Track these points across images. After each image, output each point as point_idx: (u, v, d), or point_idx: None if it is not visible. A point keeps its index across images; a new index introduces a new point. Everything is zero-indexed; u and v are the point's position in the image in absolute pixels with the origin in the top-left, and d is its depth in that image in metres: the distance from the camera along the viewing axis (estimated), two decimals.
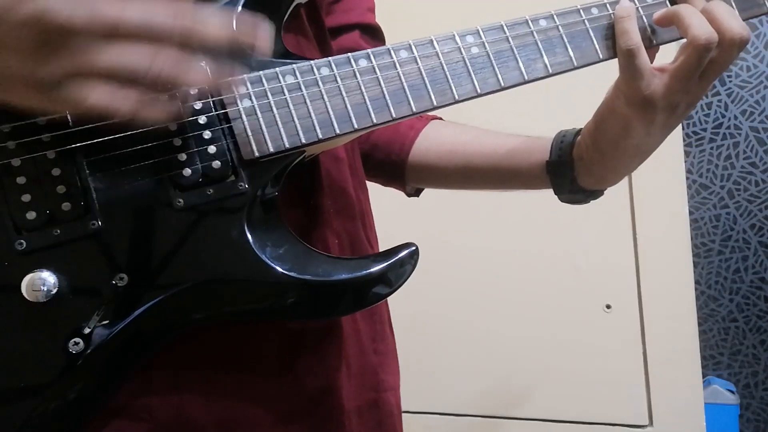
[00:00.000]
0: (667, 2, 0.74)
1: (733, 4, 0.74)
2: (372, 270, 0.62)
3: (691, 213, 2.28)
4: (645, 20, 0.72)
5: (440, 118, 0.96)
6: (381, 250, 0.67)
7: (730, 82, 2.27)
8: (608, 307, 1.70)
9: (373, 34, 0.89)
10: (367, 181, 0.84)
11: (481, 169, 0.88)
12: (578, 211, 1.70)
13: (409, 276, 0.63)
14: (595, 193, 0.84)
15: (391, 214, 0.99)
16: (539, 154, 0.84)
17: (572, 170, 0.81)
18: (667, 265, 1.65)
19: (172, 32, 0.49)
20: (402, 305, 0.82)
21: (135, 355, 0.60)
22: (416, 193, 0.98)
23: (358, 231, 0.76)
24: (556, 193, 0.85)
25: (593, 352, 1.70)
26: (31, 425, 0.56)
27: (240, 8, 0.63)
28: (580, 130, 0.82)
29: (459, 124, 0.93)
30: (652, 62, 0.72)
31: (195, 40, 0.50)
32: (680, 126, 1.29)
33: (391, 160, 0.91)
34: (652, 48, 0.73)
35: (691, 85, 0.71)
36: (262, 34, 0.54)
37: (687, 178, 2.01)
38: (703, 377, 1.85)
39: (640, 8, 0.72)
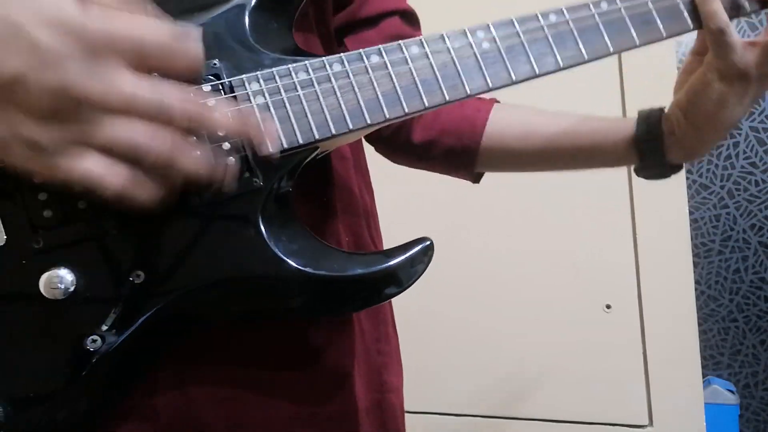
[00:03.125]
0: None
1: None
2: (388, 264, 0.62)
3: (691, 213, 2.29)
4: None
5: (498, 101, 0.95)
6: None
7: None
8: (608, 307, 1.70)
9: (412, 20, 0.89)
10: (371, 181, 0.84)
11: (563, 149, 0.87)
12: (578, 211, 1.71)
13: (423, 271, 0.63)
14: (678, 168, 0.85)
15: (392, 214, 0.99)
16: (623, 130, 0.84)
17: (662, 145, 0.82)
18: (667, 265, 1.66)
19: (181, 116, 0.49)
20: (401, 305, 0.82)
21: (151, 352, 0.60)
22: (477, 179, 0.96)
23: (362, 231, 0.77)
24: (640, 169, 0.85)
25: (593, 352, 1.71)
26: (48, 423, 0.56)
27: (249, 12, 0.63)
28: (661, 107, 0.83)
29: (526, 106, 0.92)
30: None
31: (202, 126, 0.50)
32: None
33: (462, 144, 0.89)
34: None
35: None
36: (271, 132, 0.55)
37: (687, 178, 2.02)
38: (703, 377, 1.85)
39: None
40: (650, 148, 0.82)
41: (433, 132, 0.89)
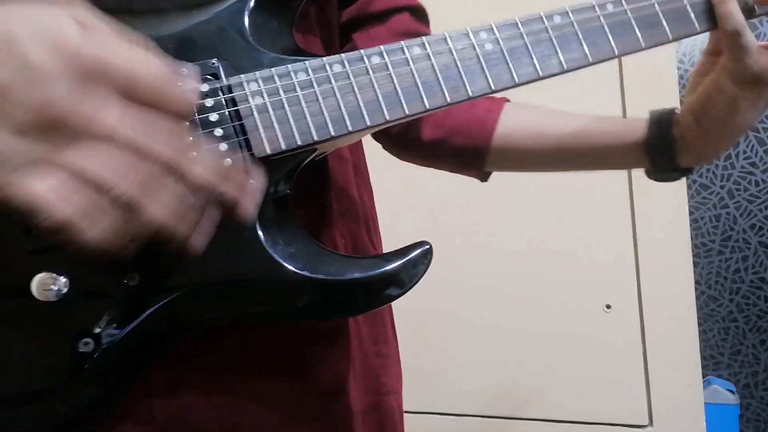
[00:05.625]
0: None
1: None
2: (386, 269, 0.61)
3: (691, 213, 2.29)
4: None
5: (509, 101, 0.94)
6: (387, 251, 0.66)
7: None
8: (608, 307, 1.70)
9: (421, 17, 0.88)
10: (371, 183, 0.83)
11: (574, 150, 0.87)
12: (578, 211, 1.70)
13: (422, 275, 0.63)
14: (690, 171, 0.84)
15: (393, 214, 0.99)
16: (633, 133, 0.83)
17: (673, 150, 0.81)
18: (667, 265, 1.66)
19: (159, 157, 0.46)
20: (401, 305, 0.81)
21: (145, 355, 0.59)
22: (485, 177, 0.95)
23: (361, 233, 0.76)
24: (651, 172, 0.84)
25: (593, 352, 1.71)
26: (40, 427, 0.55)
27: (249, 11, 0.62)
28: (673, 110, 0.82)
29: (538, 106, 0.91)
30: None
31: (178, 172, 0.47)
32: None
33: (472, 144, 0.88)
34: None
35: None
36: (252, 192, 0.52)
37: (687, 178, 2.01)
38: (703, 377, 1.85)
39: None
40: (661, 152, 0.82)
41: (442, 131, 0.88)
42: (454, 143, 0.88)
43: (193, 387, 0.63)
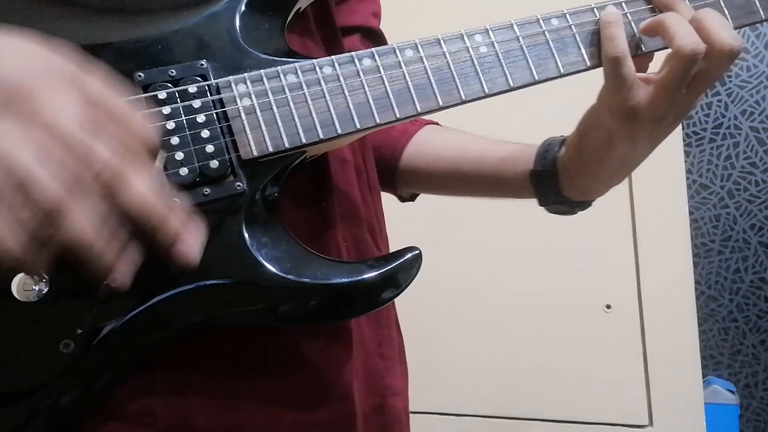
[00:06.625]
0: (656, 10, 0.71)
1: (726, 13, 0.72)
2: (371, 275, 0.61)
3: (691, 213, 2.28)
4: (633, 27, 0.70)
5: (437, 123, 0.95)
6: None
7: (730, 82, 2.27)
8: (608, 307, 1.69)
9: (375, 39, 0.88)
10: (378, 184, 0.82)
11: (467, 176, 0.87)
12: None
13: (411, 281, 0.62)
14: (582, 204, 0.83)
15: (395, 215, 0.98)
16: (525, 163, 0.82)
17: (557, 181, 0.79)
18: (667, 265, 1.65)
19: (96, 162, 0.43)
20: (401, 305, 0.81)
21: (129, 357, 0.58)
22: (411, 197, 0.96)
23: (363, 235, 0.75)
24: (540, 204, 0.83)
25: (593, 352, 1.70)
26: (22, 428, 0.54)
27: (240, 13, 0.61)
28: (566, 138, 0.80)
29: (452, 130, 0.92)
30: (645, 71, 0.70)
31: (115, 185, 0.44)
32: (680, 126, 1.29)
33: (382, 165, 0.89)
34: (643, 56, 0.71)
35: (678, 97, 0.68)
36: (193, 235, 0.48)
37: (687, 178, 2.01)
38: (703, 377, 1.85)
39: (629, 14, 0.70)
40: (544, 183, 0.80)
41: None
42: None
43: (198, 388, 0.62)
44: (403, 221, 1.16)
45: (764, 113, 2.25)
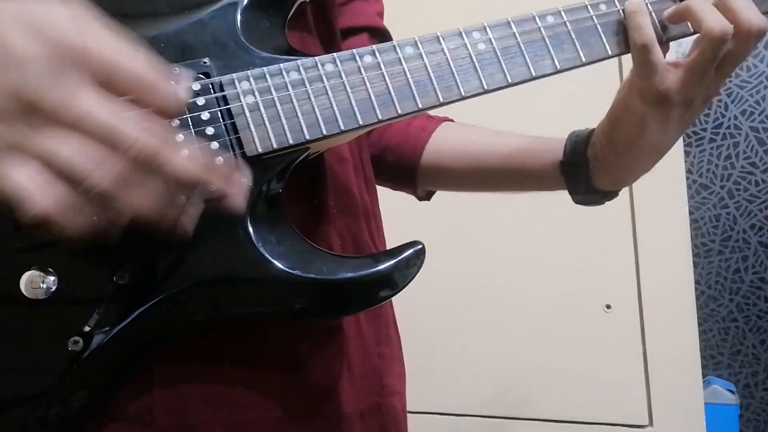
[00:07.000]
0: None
1: None
2: (377, 269, 0.61)
3: (691, 213, 2.28)
4: (654, 16, 0.71)
5: (451, 120, 0.95)
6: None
7: (730, 82, 2.28)
8: (608, 307, 1.69)
9: (382, 38, 0.88)
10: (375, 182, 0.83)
11: (494, 170, 0.87)
12: (578, 211, 1.69)
13: (415, 275, 0.62)
14: (611, 194, 0.83)
15: (394, 215, 0.99)
16: (552, 154, 0.83)
17: (587, 170, 0.80)
18: (667, 265, 1.65)
19: (133, 146, 0.44)
20: (400, 305, 0.81)
21: (136, 354, 0.58)
22: (427, 196, 0.96)
23: (362, 231, 0.75)
24: (571, 194, 0.84)
25: (593, 352, 1.70)
26: (30, 426, 0.55)
27: (241, 10, 0.62)
28: (594, 129, 0.81)
29: (471, 125, 0.92)
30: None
31: (156, 162, 0.45)
32: None
33: (403, 163, 0.90)
34: (662, 45, 0.72)
35: (707, 78, 0.70)
36: (237, 185, 0.50)
37: (687, 178, 2.01)
38: (703, 377, 1.85)
39: (649, 4, 0.72)
40: (575, 173, 0.81)
41: (376, 149, 0.90)
42: (388, 161, 0.90)
43: (193, 384, 0.63)
44: (403, 221, 1.17)
45: (764, 113, 2.26)
